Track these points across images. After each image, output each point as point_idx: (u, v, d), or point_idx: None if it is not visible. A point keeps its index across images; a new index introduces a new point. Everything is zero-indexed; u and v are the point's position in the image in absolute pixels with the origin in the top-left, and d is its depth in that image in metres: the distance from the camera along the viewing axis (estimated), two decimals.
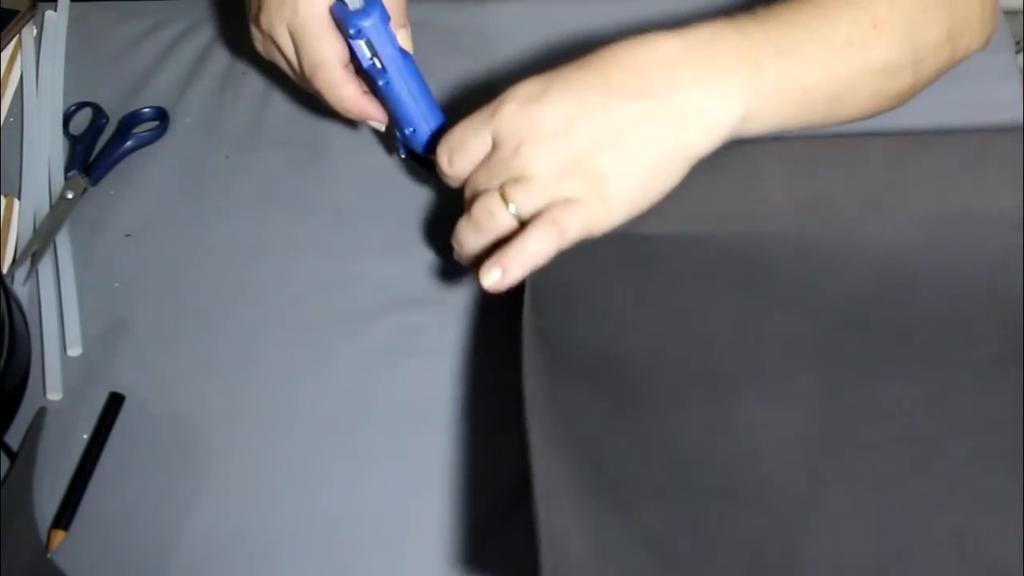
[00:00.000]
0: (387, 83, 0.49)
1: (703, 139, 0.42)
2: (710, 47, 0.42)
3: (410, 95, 0.50)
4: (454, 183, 0.47)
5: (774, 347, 0.44)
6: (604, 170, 0.42)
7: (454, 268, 0.55)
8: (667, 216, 0.44)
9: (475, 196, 0.44)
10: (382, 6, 0.48)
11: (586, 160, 0.42)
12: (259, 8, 0.51)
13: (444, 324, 0.54)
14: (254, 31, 0.53)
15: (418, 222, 0.58)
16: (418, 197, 0.59)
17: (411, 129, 0.51)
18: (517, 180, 0.42)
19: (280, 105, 0.64)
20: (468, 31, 0.67)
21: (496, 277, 0.42)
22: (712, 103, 0.42)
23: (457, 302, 0.55)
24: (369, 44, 0.48)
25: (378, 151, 0.62)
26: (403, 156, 0.54)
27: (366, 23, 0.47)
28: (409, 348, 0.53)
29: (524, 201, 0.42)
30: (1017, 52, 0.73)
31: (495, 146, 0.44)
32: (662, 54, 0.42)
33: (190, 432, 0.51)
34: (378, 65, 0.49)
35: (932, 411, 0.42)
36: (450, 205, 0.59)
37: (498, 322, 0.53)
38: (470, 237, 0.44)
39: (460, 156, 0.45)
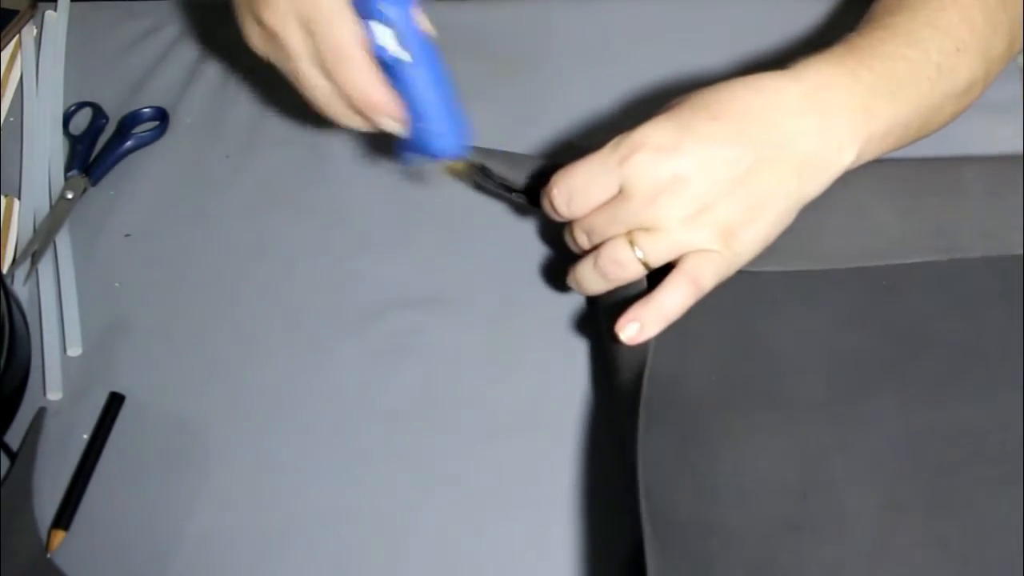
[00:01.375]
0: (411, 75, 0.45)
1: (821, 185, 0.44)
2: (826, 94, 0.43)
3: (436, 89, 0.46)
4: (559, 219, 0.46)
5: (847, 368, 0.44)
6: (734, 221, 0.42)
7: (453, 267, 0.55)
8: (780, 253, 0.45)
9: (594, 240, 0.45)
10: None
11: (718, 211, 0.42)
12: (263, 3, 0.48)
13: (444, 324, 0.54)
14: (254, 29, 0.50)
15: (418, 222, 0.58)
16: (419, 197, 0.59)
17: (432, 129, 0.47)
18: (647, 229, 0.43)
19: (280, 105, 0.64)
20: (470, 30, 0.67)
21: (633, 332, 0.43)
22: (832, 152, 0.43)
23: (457, 302, 0.55)
24: (393, 31, 0.44)
25: (378, 151, 0.62)
26: (410, 161, 0.50)
27: (391, 8, 0.43)
28: (409, 348, 0.53)
29: (654, 251, 0.43)
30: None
31: (624, 194, 0.43)
32: (784, 101, 0.43)
33: (190, 432, 0.51)
34: (402, 56, 0.45)
35: (1006, 430, 0.42)
36: (451, 204, 0.59)
37: (498, 322, 0.53)
38: (594, 282, 0.45)
39: (581, 200, 0.44)
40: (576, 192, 0.44)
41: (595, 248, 0.45)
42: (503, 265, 0.56)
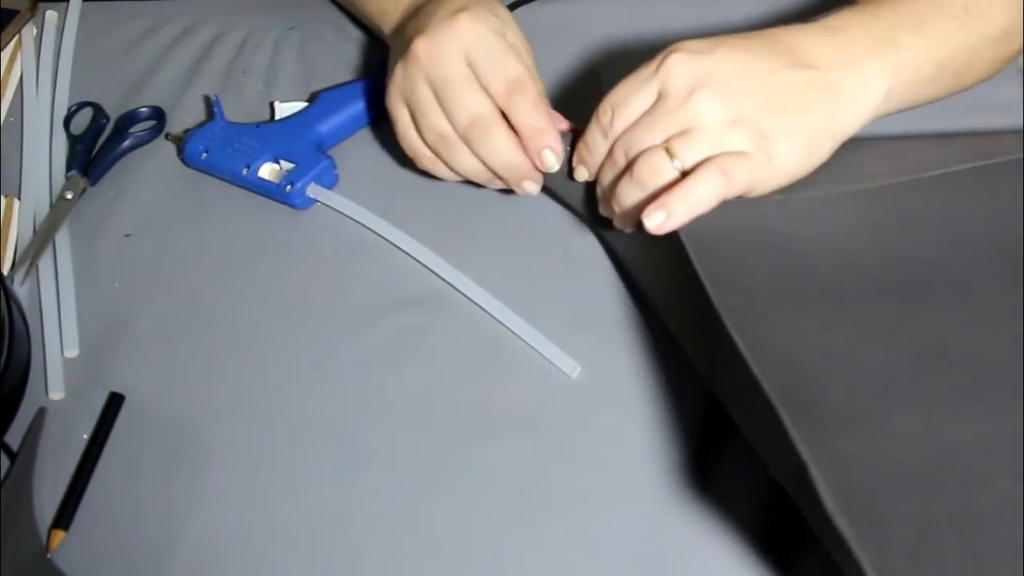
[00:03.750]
0: None
1: (853, 117, 0.44)
2: (849, 32, 0.45)
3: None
4: (598, 154, 0.47)
5: (872, 381, 0.44)
6: (770, 130, 0.43)
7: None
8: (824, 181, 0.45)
9: (631, 154, 0.45)
10: None
11: (754, 117, 0.43)
12: (422, 51, 0.50)
13: (444, 324, 0.54)
14: (401, 89, 0.52)
15: (419, 221, 0.58)
16: (419, 196, 0.59)
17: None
18: (683, 133, 0.43)
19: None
20: None
21: (660, 220, 0.42)
22: (860, 83, 0.44)
23: (457, 302, 0.55)
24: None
25: (378, 150, 0.62)
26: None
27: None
28: (409, 348, 0.53)
29: (690, 154, 0.43)
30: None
31: (661, 98, 0.44)
32: (809, 37, 0.45)
33: (190, 432, 0.51)
34: None
35: None
36: (451, 204, 0.59)
37: (498, 322, 0.53)
38: (631, 193, 0.45)
39: (623, 112, 0.45)
40: (620, 104, 0.45)
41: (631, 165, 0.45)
42: (503, 265, 0.56)
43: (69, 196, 0.60)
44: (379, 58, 0.64)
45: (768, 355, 0.39)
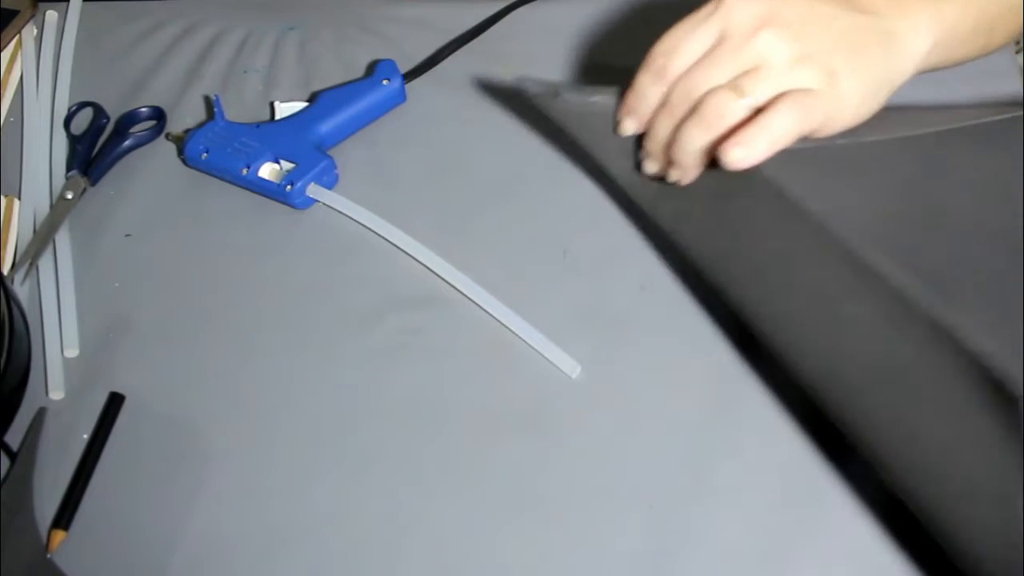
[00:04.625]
0: None
1: (905, 66, 0.44)
2: None
3: None
4: (649, 102, 0.46)
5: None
6: (837, 67, 0.42)
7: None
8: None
9: (694, 96, 0.44)
10: None
11: (821, 55, 0.42)
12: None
13: (444, 324, 0.54)
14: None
15: (419, 221, 0.58)
16: (419, 196, 0.59)
17: None
18: (750, 72, 0.43)
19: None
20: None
21: (740, 155, 0.41)
22: (911, 33, 0.44)
23: (457, 302, 0.55)
24: None
25: (378, 150, 0.62)
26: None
27: None
28: (409, 348, 0.53)
29: (761, 90, 0.42)
30: (1017, 52, 0.72)
31: (723, 38, 0.43)
32: None
33: (190, 432, 0.51)
34: None
35: None
36: (451, 205, 0.59)
37: (498, 322, 0.53)
38: (696, 135, 0.44)
39: (679, 56, 0.44)
40: (673, 51, 0.44)
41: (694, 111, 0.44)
42: (503, 265, 0.56)
43: (69, 196, 0.60)
44: (379, 58, 0.64)
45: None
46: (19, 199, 0.61)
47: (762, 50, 0.42)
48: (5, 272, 0.57)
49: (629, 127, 0.48)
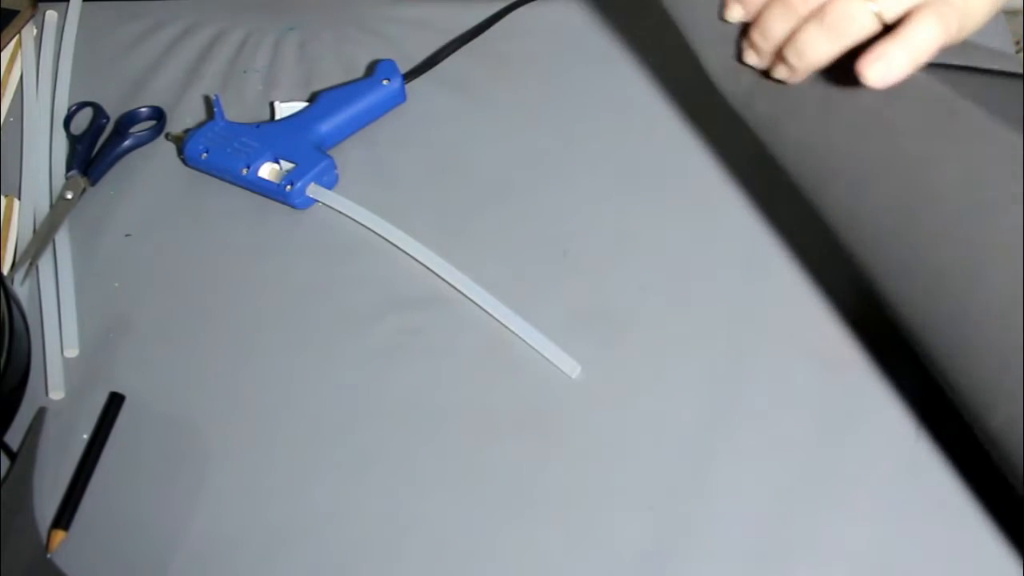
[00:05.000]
0: None
1: None
2: None
3: None
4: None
5: None
6: None
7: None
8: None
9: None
10: None
11: None
12: None
13: (444, 324, 0.54)
14: None
15: (419, 221, 0.58)
16: (419, 196, 0.59)
17: None
18: None
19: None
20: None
21: (882, 70, 0.38)
22: None
23: (457, 302, 0.55)
24: None
25: (378, 150, 0.62)
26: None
27: None
28: (409, 348, 0.53)
29: (890, 1, 0.39)
30: (1017, 52, 0.73)
31: None
32: None
33: (190, 432, 0.51)
34: None
35: None
36: (451, 205, 0.59)
37: (498, 322, 0.53)
38: (819, 44, 0.41)
39: None
40: None
41: (815, 14, 0.40)
42: (503, 265, 0.56)
43: (69, 196, 0.60)
44: (379, 58, 0.64)
45: None
46: (19, 199, 0.61)
47: None
48: (5, 272, 0.57)
49: (735, 13, 0.45)
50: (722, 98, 0.48)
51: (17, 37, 0.70)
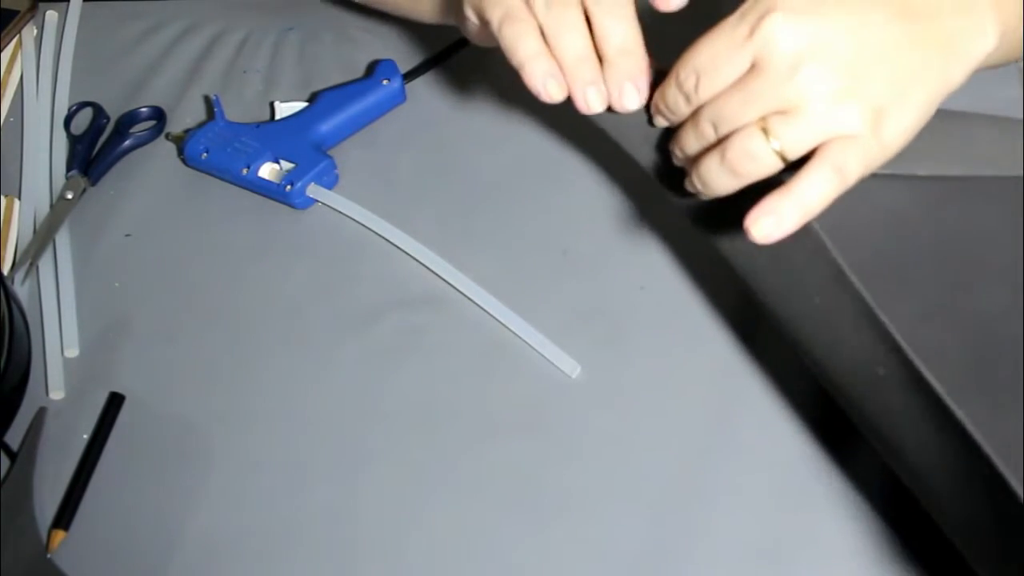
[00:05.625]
0: None
1: (963, 70, 0.39)
2: None
3: None
4: (682, 113, 0.41)
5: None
6: (883, 101, 0.38)
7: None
8: (934, 155, 0.42)
9: (721, 130, 0.39)
10: None
11: (866, 87, 0.38)
12: None
13: (444, 324, 0.54)
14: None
15: (419, 221, 0.58)
16: (419, 196, 0.59)
17: None
18: (785, 112, 0.37)
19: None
20: None
21: (769, 227, 0.37)
22: (977, 33, 0.39)
23: (457, 302, 0.55)
24: None
25: (378, 150, 0.62)
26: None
27: None
28: (409, 348, 0.53)
29: (793, 138, 0.37)
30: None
31: (757, 68, 0.37)
32: None
33: (190, 432, 0.51)
34: None
35: None
36: (451, 205, 0.59)
37: (498, 322, 0.53)
38: (721, 179, 0.39)
39: (710, 79, 0.39)
40: (705, 70, 0.39)
41: (721, 142, 0.39)
42: (503, 265, 0.56)
43: (69, 196, 0.60)
44: (379, 58, 0.64)
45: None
46: (19, 199, 0.61)
47: (802, 90, 0.37)
48: (5, 272, 0.57)
49: (660, 123, 0.44)
50: None
51: (17, 37, 0.70)
